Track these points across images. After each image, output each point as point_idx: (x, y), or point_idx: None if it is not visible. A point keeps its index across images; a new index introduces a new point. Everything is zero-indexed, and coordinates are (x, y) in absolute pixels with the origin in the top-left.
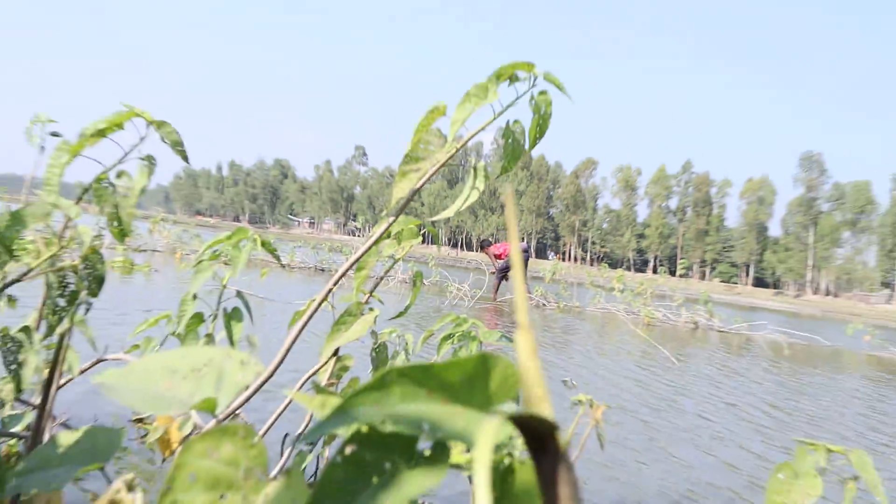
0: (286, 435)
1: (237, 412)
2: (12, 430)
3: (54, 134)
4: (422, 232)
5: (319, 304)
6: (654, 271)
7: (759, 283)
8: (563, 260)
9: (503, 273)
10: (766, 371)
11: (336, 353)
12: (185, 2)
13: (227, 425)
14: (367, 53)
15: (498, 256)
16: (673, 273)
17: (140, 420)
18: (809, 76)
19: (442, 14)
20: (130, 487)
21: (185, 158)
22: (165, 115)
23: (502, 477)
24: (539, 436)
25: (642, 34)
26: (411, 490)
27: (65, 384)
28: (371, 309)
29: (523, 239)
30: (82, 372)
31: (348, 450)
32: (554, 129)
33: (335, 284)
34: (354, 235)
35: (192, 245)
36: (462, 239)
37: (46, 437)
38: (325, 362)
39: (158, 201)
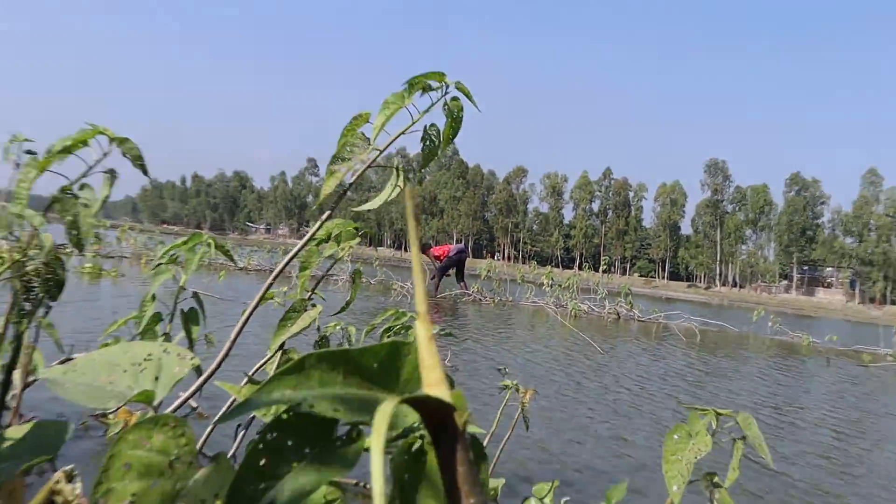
0: (238, 425)
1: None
2: None
3: (29, 152)
4: (360, 234)
5: (258, 303)
6: (580, 268)
7: (674, 276)
8: (498, 259)
9: (443, 272)
10: (683, 355)
11: (282, 347)
12: (146, 20)
13: (158, 416)
14: (317, 71)
15: (438, 258)
16: (597, 269)
17: (104, 415)
18: (709, 88)
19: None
20: (70, 478)
21: (145, 172)
22: (130, 131)
23: (414, 458)
24: (438, 418)
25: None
26: (329, 474)
27: (31, 383)
28: (314, 305)
29: (461, 240)
30: None
31: (269, 436)
32: (486, 139)
33: (274, 279)
34: None
35: (156, 251)
36: (407, 242)
37: None
38: (272, 356)
39: (127, 211)
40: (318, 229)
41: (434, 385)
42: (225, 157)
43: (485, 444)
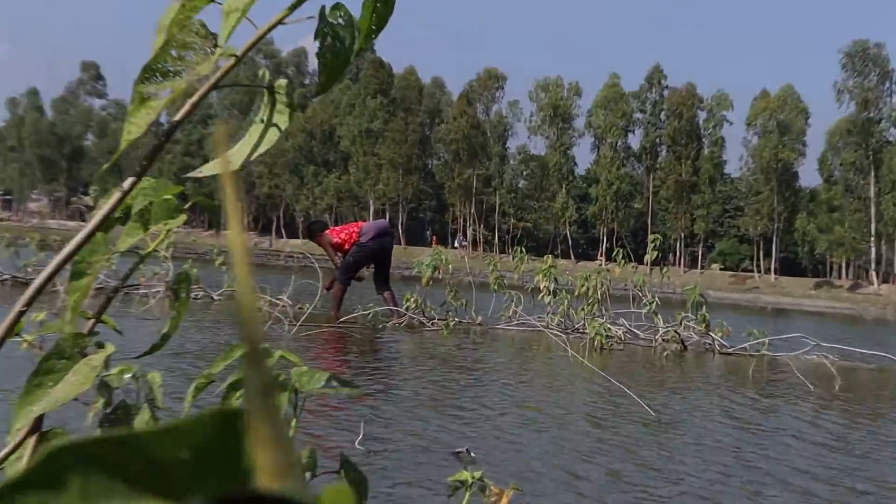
0: None
1: None
2: None
3: None
4: (188, 207)
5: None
6: (609, 257)
7: (789, 267)
8: (458, 245)
9: (349, 273)
10: (815, 423)
11: (39, 425)
12: None
13: None
14: None
15: (339, 246)
16: (639, 259)
17: None
18: None
19: None
20: None
21: None
22: None
23: None
24: None
25: None
26: None
27: None
28: (99, 345)
29: (383, 213)
30: None
31: None
32: (428, 27)
33: (27, 306)
34: (84, 220)
35: None
36: (278, 218)
37: None
38: (19, 443)
39: None
40: (117, 204)
41: (276, 474)
42: None
43: None
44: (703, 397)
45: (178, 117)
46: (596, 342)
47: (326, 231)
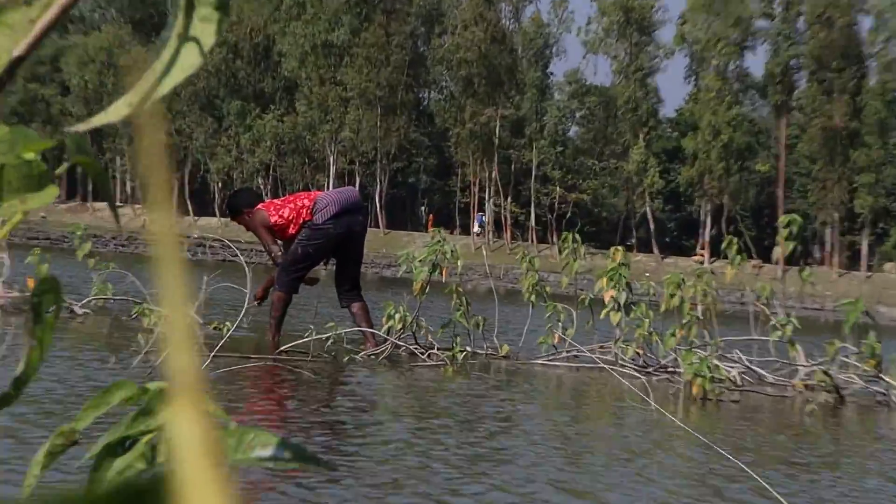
0: None
1: None
2: None
3: None
4: (64, 170)
5: None
6: (714, 251)
7: None
8: (479, 229)
9: (296, 273)
10: None
11: None
12: None
13: None
14: None
15: (279, 229)
16: (764, 254)
17: None
18: None
19: None
20: None
21: None
22: None
23: None
24: None
25: None
26: None
27: None
28: None
29: (350, 178)
30: None
31: None
32: None
33: None
34: None
35: None
36: (181, 184)
37: None
38: None
39: None
40: None
41: None
42: None
43: None
44: (878, 486)
45: (21, 49)
46: (695, 388)
47: (259, 206)
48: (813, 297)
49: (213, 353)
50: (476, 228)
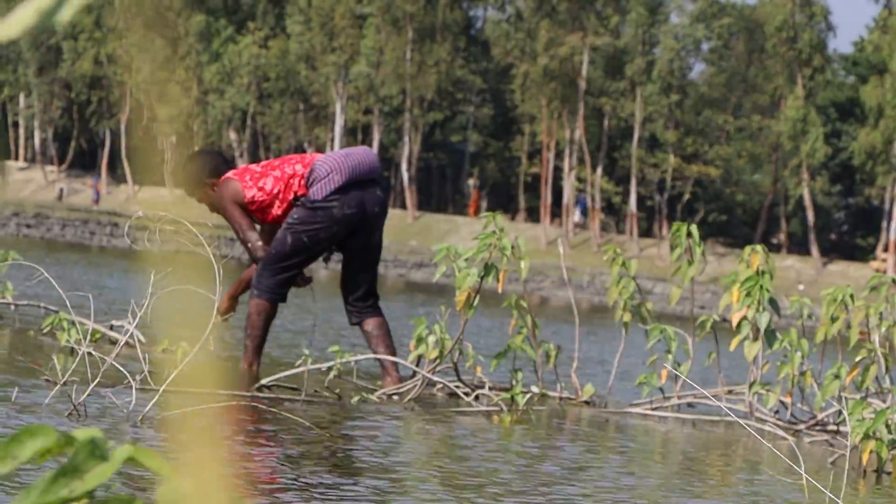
0: None
1: None
2: None
3: None
4: None
5: None
6: None
7: None
8: (580, 219)
9: (283, 273)
10: None
11: None
12: None
13: None
14: None
15: (259, 208)
16: None
17: None
18: None
19: None
20: None
21: None
22: None
23: None
24: None
25: None
26: None
27: None
28: None
29: (365, 135)
30: None
31: None
32: None
33: None
34: None
35: None
36: (112, 139)
37: None
38: None
39: None
40: None
41: None
42: None
43: None
44: None
45: None
46: (865, 456)
47: (230, 174)
48: None
49: (161, 388)
50: (576, 217)
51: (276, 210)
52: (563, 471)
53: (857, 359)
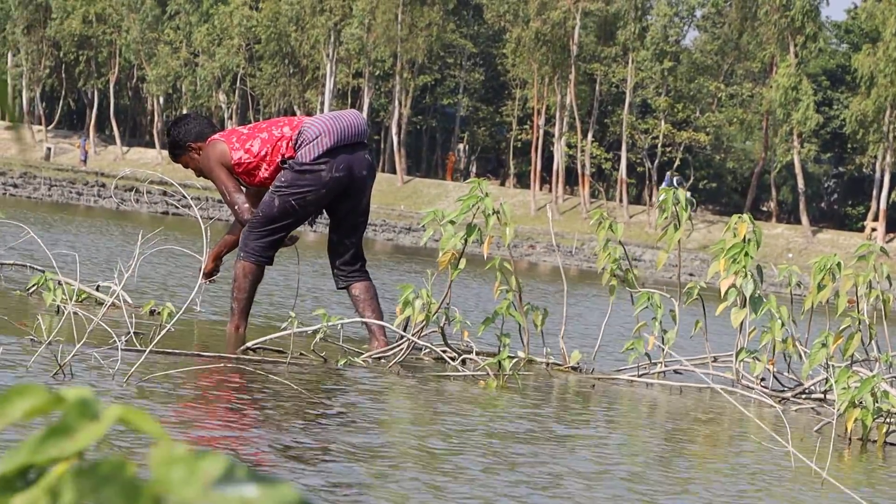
0: None
1: None
2: None
3: None
4: None
5: None
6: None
7: None
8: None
9: (270, 235)
10: None
11: None
12: None
13: None
14: None
15: (246, 171)
16: None
17: None
18: None
19: None
20: None
21: None
22: None
23: None
24: None
25: None
26: None
27: None
28: None
29: (354, 98)
30: None
31: None
32: None
33: None
34: None
35: None
36: (101, 97)
37: None
38: None
39: None
40: None
41: None
42: None
43: None
44: None
45: None
46: (850, 424)
47: (216, 138)
48: None
49: (147, 350)
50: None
51: (264, 173)
52: (549, 432)
53: (842, 327)
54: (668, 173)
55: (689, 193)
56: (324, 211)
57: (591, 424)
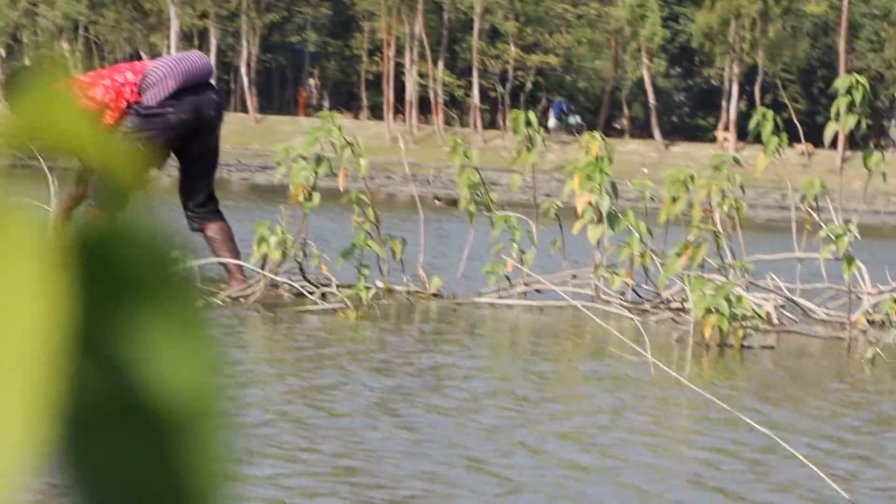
0: None
1: None
2: None
3: None
4: None
5: None
6: (742, 132)
7: None
8: (555, 124)
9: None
10: None
11: None
12: None
13: None
14: None
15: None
16: (815, 135)
17: None
18: None
19: None
20: None
21: None
22: None
23: None
24: None
25: None
26: None
27: None
28: None
29: (202, 40)
30: None
31: None
32: None
33: None
34: None
35: None
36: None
37: None
38: None
39: None
40: None
41: None
42: None
43: None
44: None
45: None
46: (707, 331)
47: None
48: (888, 196)
49: None
50: (552, 122)
51: (109, 120)
52: (411, 360)
53: (690, 238)
54: (557, 100)
55: (578, 117)
56: (172, 154)
57: (453, 339)
